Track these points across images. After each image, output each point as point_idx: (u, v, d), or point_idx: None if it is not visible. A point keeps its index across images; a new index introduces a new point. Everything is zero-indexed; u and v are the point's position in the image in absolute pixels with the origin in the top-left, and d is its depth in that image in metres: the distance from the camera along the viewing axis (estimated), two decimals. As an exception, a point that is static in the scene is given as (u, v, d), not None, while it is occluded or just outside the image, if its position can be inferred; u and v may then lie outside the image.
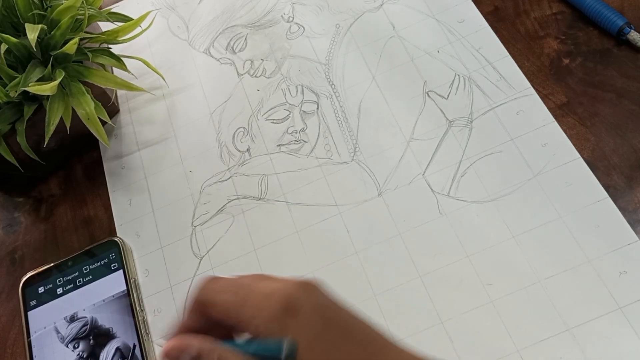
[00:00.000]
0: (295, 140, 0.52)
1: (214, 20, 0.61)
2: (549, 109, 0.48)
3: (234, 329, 0.32)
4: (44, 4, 0.49)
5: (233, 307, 0.31)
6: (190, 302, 0.33)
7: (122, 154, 0.56)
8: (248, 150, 0.53)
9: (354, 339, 0.31)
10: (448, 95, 0.51)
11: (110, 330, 0.47)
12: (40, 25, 0.46)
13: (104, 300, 0.48)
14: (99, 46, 0.52)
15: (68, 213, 0.54)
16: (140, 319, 0.47)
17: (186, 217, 0.51)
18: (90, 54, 0.50)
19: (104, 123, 0.51)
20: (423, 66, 0.53)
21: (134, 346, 0.46)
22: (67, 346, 0.47)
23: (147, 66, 0.53)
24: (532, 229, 0.44)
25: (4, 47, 0.46)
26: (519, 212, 0.45)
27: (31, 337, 0.48)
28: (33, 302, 0.49)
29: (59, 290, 0.49)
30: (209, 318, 0.32)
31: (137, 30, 0.53)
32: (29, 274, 0.50)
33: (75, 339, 0.47)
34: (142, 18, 0.53)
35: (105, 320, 0.47)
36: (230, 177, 0.52)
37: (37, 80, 0.46)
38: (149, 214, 0.52)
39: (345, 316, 0.32)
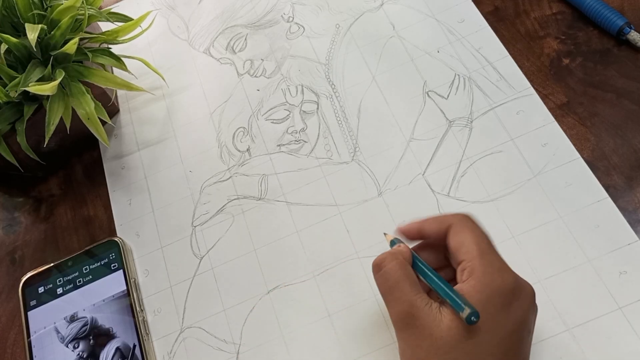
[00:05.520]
0: (295, 140, 0.52)
1: (214, 20, 0.61)
2: (549, 109, 0.48)
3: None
4: (44, 4, 0.49)
5: (475, 250, 0.35)
6: (443, 216, 0.38)
7: (122, 154, 0.56)
8: (248, 150, 0.53)
9: (519, 334, 0.34)
10: (448, 95, 0.51)
11: (110, 330, 0.47)
12: (40, 25, 0.46)
13: (104, 300, 0.48)
14: (99, 46, 0.52)
15: (68, 213, 0.54)
16: (140, 319, 0.47)
17: (186, 217, 0.51)
18: (90, 54, 0.50)
19: (104, 123, 0.51)
20: (423, 66, 0.53)
21: (134, 346, 0.46)
22: (67, 346, 0.47)
23: (147, 66, 0.53)
24: (532, 229, 0.44)
25: (4, 47, 0.46)
26: (519, 212, 0.45)
27: (31, 337, 0.48)
28: (33, 302, 0.49)
29: (59, 290, 0.49)
30: (443, 236, 0.37)
31: (137, 30, 0.53)
32: (29, 274, 0.50)
33: (75, 339, 0.47)
34: (142, 18, 0.53)
35: (105, 320, 0.47)
36: (230, 177, 0.52)
37: (37, 80, 0.46)
38: (149, 214, 0.52)
39: (525, 339, 0.36)
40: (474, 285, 0.34)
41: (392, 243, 0.40)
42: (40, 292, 0.49)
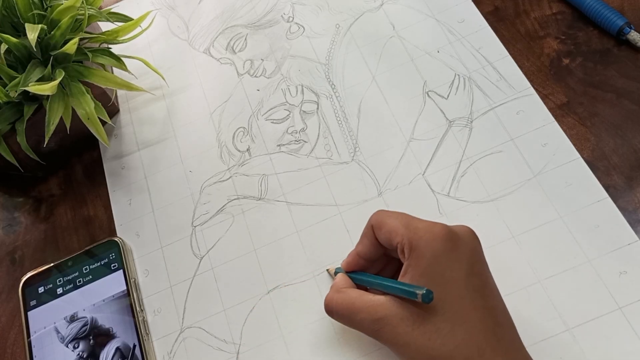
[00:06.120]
0: (295, 140, 0.52)
1: (214, 20, 0.61)
2: (549, 109, 0.48)
3: (392, 257, 0.39)
4: (44, 4, 0.49)
5: (400, 226, 0.36)
6: (365, 228, 0.40)
7: (122, 154, 0.56)
8: (248, 150, 0.53)
9: (487, 302, 0.35)
10: (448, 95, 0.51)
11: (110, 330, 0.47)
12: (40, 25, 0.46)
13: (104, 300, 0.48)
14: (99, 46, 0.52)
15: (68, 213, 0.54)
16: (140, 319, 0.47)
17: (186, 217, 0.51)
18: (90, 54, 0.50)
19: (104, 123, 0.51)
20: (423, 66, 0.53)
21: (134, 346, 0.46)
22: (67, 346, 0.47)
23: (147, 66, 0.53)
24: (532, 229, 0.44)
25: (4, 47, 0.46)
26: (519, 212, 0.45)
27: (31, 337, 0.48)
28: (33, 302, 0.49)
29: (59, 290, 0.49)
30: (376, 243, 0.39)
31: (137, 30, 0.53)
32: (29, 274, 0.50)
33: (75, 339, 0.47)
34: (142, 18, 0.53)
35: (105, 320, 0.47)
36: (230, 177, 0.52)
37: (37, 80, 0.46)
38: (149, 214, 0.52)
39: (486, 274, 0.36)
40: (417, 254, 0.35)
41: (337, 272, 0.43)
42: (40, 292, 0.49)
